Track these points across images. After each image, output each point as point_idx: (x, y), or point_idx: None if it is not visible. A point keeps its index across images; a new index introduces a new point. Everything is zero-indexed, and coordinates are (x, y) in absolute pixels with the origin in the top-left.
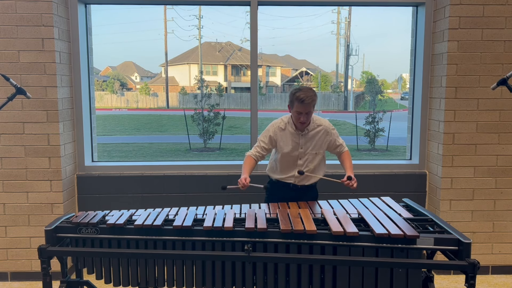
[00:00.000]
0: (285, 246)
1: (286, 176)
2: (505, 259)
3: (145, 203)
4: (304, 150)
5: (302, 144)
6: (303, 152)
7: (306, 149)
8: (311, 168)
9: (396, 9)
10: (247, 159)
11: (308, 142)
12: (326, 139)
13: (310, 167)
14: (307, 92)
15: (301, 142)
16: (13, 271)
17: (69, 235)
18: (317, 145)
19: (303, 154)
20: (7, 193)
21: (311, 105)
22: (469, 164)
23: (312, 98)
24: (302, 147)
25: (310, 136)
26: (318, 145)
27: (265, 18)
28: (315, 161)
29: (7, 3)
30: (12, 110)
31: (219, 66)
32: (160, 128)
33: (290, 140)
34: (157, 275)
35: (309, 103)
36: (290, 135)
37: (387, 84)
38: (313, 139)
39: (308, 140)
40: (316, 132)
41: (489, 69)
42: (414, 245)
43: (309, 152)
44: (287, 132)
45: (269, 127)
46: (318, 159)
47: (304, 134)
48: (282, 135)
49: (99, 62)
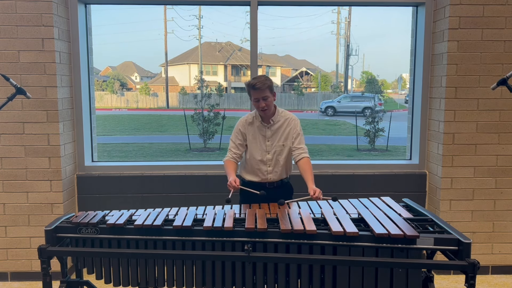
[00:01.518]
0: (285, 246)
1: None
2: (505, 259)
3: (145, 203)
4: (271, 143)
5: (268, 137)
6: (270, 145)
7: (273, 141)
8: (280, 162)
9: (396, 9)
10: (227, 163)
11: (274, 134)
12: (291, 131)
13: (279, 159)
14: (258, 78)
15: (268, 134)
16: (13, 271)
17: (69, 235)
18: (283, 136)
19: (271, 147)
20: (7, 193)
21: (264, 89)
22: (469, 164)
23: (263, 82)
24: (269, 140)
25: (276, 128)
26: (284, 136)
27: (265, 18)
28: (284, 153)
29: (7, 3)
30: (12, 110)
31: (219, 66)
32: (160, 128)
33: (258, 133)
34: (157, 275)
35: (260, 87)
36: (257, 129)
37: (387, 84)
38: (279, 130)
39: (274, 132)
40: (282, 123)
41: (489, 69)
42: (414, 245)
43: (276, 144)
44: (255, 126)
45: (237, 123)
46: (286, 151)
47: (270, 126)
48: (250, 129)
49: (99, 62)
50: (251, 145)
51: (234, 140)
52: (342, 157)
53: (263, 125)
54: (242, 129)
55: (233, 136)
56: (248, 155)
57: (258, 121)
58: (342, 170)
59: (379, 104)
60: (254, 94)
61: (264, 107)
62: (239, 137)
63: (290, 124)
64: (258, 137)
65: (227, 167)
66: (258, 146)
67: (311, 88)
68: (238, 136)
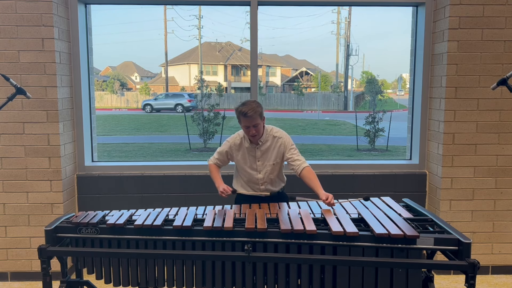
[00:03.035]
0: (285, 246)
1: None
2: (505, 259)
3: (145, 203)
4: (262, 162)
5: (258, 157)
6: (261, 165)
7: (264, 160)
8: (273, 179)
9: (396, 9)
10: (211, 167)
11: (264, 154)
12: (280, 148)
13: (271, 177)
14: (249, 105)
15: (258, 155)
16: (13, 271)
17: (69, 235)
18: (273, 155)
19: (262, 167)
20: (7, 193)
21: (255, 117)
22: (469, 164)
23: (255, 110)
24: (259, 160)
25: (265, 148)
26: (274, 155)
27: (265, 18)
28: (275, 172)
29: (7, 3)
30: (12, 110)
31: (219, 66)
32: (160, 128)
33: (247, 154)
34: (157, 275)
35: (252, 115)
36: (246, 150)
37: (387, 84)
38: (268, 150)
39: (264, 152)
40: (271, 143)
41: (489, 69)
42: (414, 245)
43: (266, 164)
44: (243, 148)
45: (225, 143)
46: (277, 169)
47: (259, 146)
48: (239, 150)
49: (99, 62)
50: (241, 165)
51: (220, 152)
52: (342, 157)
53: (252, 146)
54: (229, 151)
55: (219, 149)
56: (239, 172)
57: (247, 142)
58: (342, 170)
59: (188, 101)
60: (244, 121)
61: (255, 133)
62: (223, 155)
63: (278, 142)
64: (248, 158)
65: (213, 171)
66: (249, 166)
67: (311, 88)
68: (222, 154)
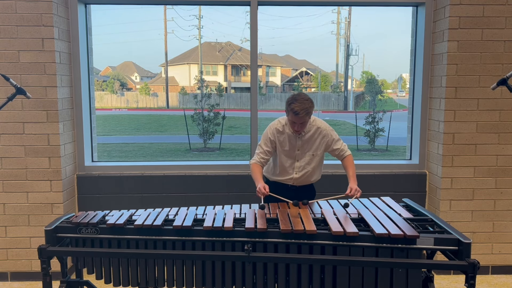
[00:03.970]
0: (285, 246)
1: (285, 179)
2: (505, 259)
3: (145, 203)
4: (301, 152)
5: (299, 146)
6: (300, 154)
7: (303, 150)
8: (309, 170)
9: (396, 9)
10: (254, 167)
11: (305, 144)
12: (323, 140)
13: (307, 169)
14: (302, 104)
15: (298, 144)
16: (13, 271)
17: (69, 235)
18: (313, 146)
19: (300, 156)
20: (7, 193)
21: (305, 117)
22: (469, 164)
23: (307, 111)
24: (299, 149)
25: (307, 138)
26: (315, 146)
27: (265, 18)
28: (313, 163)
29: (7, 3)
30: (12, 110)
31: (219, 66)
32: (160, 128)
33: (288, 142)
34: (157, 275)
35: (303, 116)
36: (287, 137)
37: (387, 84)
38: (309, 140)
39: (305, 142)
40: (313, 134)
41: (489, 69)
42: (414, 245)
43: (306, 154)
44: (285, 134)
45: (267, 130)
46: (315, 161)
47: (301, 136)
48: (280, 137)
49: (99, 62)
50: (280, 153)
51: (263, 146)
52: None
53: (294, 134)
54: (272, 137)
55: (262, 142)
56: (278, 160)
57: (289, 129)
58: (342, 170)
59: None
60: (292, 117)
61: (299, 130)
62: (269, 144)
63: (321, 134)
64: (288, 146)
65: (255, 171)
66: (288, 154)
67: (311, 88)
68: (268, 144)
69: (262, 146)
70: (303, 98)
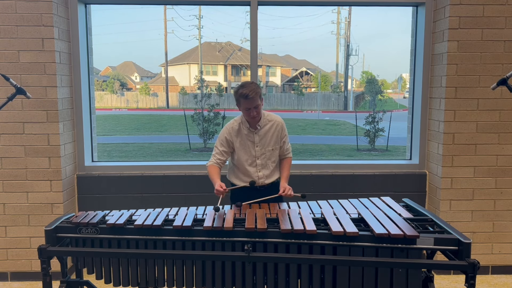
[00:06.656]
0: (285, 246)
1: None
2: (505, 259)
3: (145, 203)
4: (260, 148)
5: (257, 142)
6: (259, 150)
7: (263, 146)
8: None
9: (396, 9)
10: (210, 168)
11: (262, 139)
12: (279, 133)
13: (269, 164)
14: (249, 87)
15: (256, 140)
16: (13, 271)
17: (69, 235)
18: (272, 140)
19: (260, 152)
20: (7, 193)
21: (256, 98)
22: (469, 164)
23: (256, 91)
24: (257, 145)
25: (263, 133)
26: (273, 141)
27: (265, 18)
28: (273, 157)
29: (7, 3)
30: (12, 110)
31: (219, 66)
32: (160, 128)
33: (246, 139)
34: (157, 275)
35: (253, 96)
36: (244, 135)
37: (387, 84)
38: (267, 134)
39: (262, 137)
40: (269, 128)
41: (489, 69)
42: (414, 245)
43: (265, 149)
44: (242, 133)
45: (223, 130)
46: (275, 155)
47: (257, 131)
48: (237, 136)
49: (99, 62)
50: (240, 152)
51: (219, 146)
52: (342, 157)
53: (250, 131)
54: (229, 137)
55: (218, 143)
56: (237, 161)
57: (245, 127)
58: (342, 170)
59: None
60: (245, 103)
61: (256, 115)
62: (225, 144)
63: (277, 128)
64: (247, 144)
65: (211, 172)
66: (248, 153)
67: (311, 88)
68: (224, 144)
69: (218, 147)
70: (247, 83)
